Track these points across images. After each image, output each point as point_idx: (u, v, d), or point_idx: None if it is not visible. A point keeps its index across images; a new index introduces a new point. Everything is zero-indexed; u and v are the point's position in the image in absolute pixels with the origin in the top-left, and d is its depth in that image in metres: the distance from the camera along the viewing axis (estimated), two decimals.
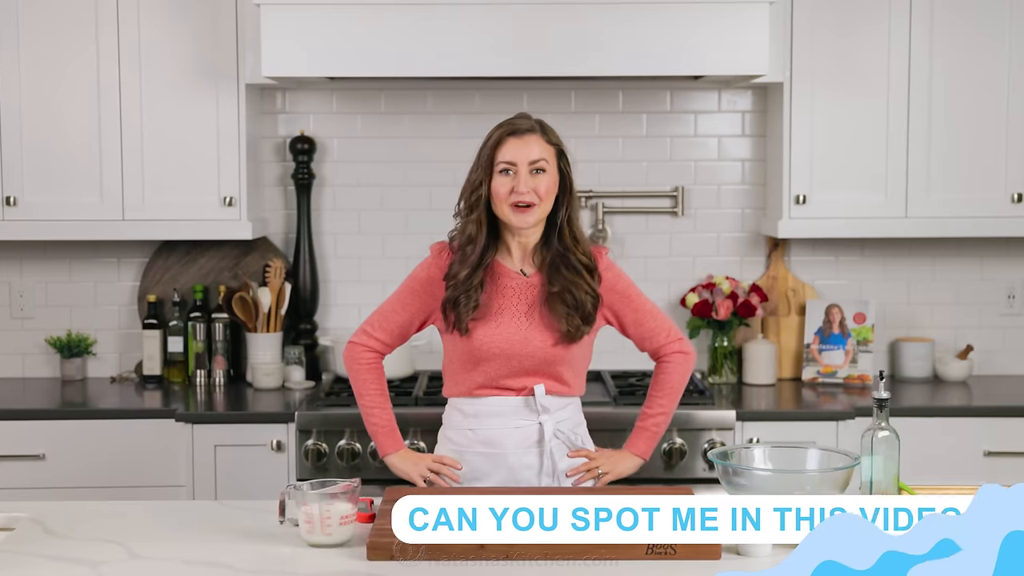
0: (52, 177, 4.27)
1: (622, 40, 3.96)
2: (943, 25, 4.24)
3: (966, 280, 4.67)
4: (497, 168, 3.01)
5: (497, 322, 3.05)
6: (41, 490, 4.00)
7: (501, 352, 3.04)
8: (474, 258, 3.03)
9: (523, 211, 3.00)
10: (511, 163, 3.00)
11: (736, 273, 4.65)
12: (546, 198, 3.01)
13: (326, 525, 2.62)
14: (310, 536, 2.64)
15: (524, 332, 3.05)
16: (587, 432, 3.23)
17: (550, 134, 3.06)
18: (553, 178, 3.03)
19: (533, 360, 3.06)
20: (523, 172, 2.99)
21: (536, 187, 2.99)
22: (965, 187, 4.30)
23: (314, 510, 2.62)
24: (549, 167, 3.02)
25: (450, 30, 3.96)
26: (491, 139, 3.04)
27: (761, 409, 4.13)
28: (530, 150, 3.00)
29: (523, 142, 3.01)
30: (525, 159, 3.00)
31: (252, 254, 4.60)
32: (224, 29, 4.22)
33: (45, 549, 2.62)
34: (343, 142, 4.62)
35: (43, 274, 4.64)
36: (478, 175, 3.03)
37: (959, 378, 4.52)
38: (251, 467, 4.00)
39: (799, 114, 4.28)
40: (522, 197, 2.98)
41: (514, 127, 3.03)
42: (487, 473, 3.10)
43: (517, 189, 2.98)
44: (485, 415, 3.10)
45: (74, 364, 4.57)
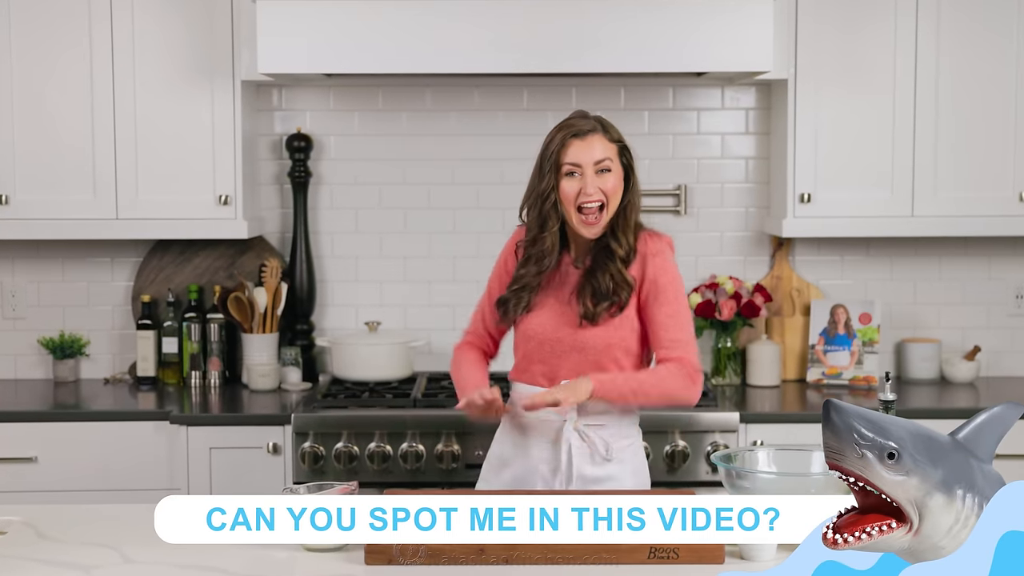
0: (44, 175, 4.25)
1: (624, 36, 3.94)
2: (950, 21, 4.21)
3: (973, 280, 4.64)
4: (563, 171, 3.04)
5: (541, 307, 3.11)
6: (33, 493, 3.98)
7: (535, 335, 3.10)
8: (544, 264, 3.10)
9: (590, 222, 3.04)
10: (576, 165, 3.04)
11: (740, 273, 4.63)
12: (613, 197, 3.06)
13: None
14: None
15: (559, 316, 3.09)
16: (633, 452, 3.14)
17: (611, 131, 3.10)
18: (618, 175, 3.08)
19: (563, 346, 3.08)
20: (589, 173, 3.04)
21: (603, 187, 3.03)
22: (972, 186, 4.28)
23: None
24: (614, 165, 3.07)
25: (449, 26, 3.94)
26: (554, 142, 3.07)
27: (765, 411, 4.12)
28: (594, 150, 3.05)
29: (587, 143, 3.05)
30: (590, 160, 3.04)
31: (248, 253, 4.58)
32: (220, 24, 4.20)
33: (37, 553, 2.62)
34: (340, 139, 4.60)
35: (35, 274, 4.62)
36: (548, 182, 3.06)
37: (966, 379, 4.50)
38: (247, 470, 3.98)
39: (804, 111, 4.25)
40: (590, 198, 3.03)
41: (576, 128, 3.06)
42: (509, 460, 3.15)
43: (585, 191, 3.03)
44: (518, 402, 3.13)
45: (67, 365, 4.55)
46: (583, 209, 3.03)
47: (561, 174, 3.04)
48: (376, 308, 4.60)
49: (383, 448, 3.91)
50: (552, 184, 3.05)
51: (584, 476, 3.06)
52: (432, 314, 4.61)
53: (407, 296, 4.62)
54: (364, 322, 4.49)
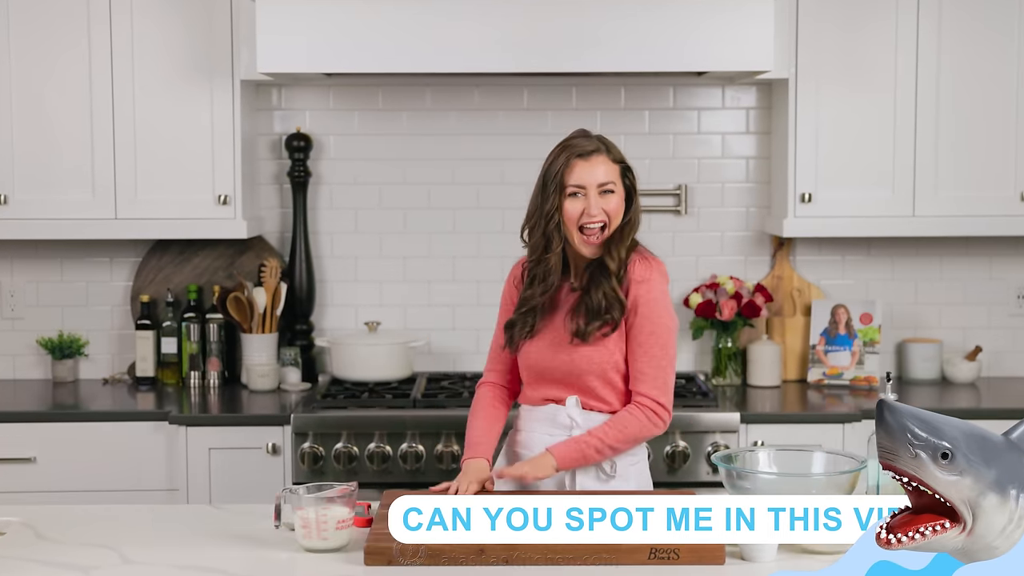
0: (43, 175, 4.24)
1: (624, 35, 3.93)
2: (951, 20, 4.20)
3: (975, 280, 4.63)
4: (567, 192, 3.03)
5: (540, 333, 3.10)
6: (32, 494, 3.97)
7: (539, 359, 3.10)
8: (550, 282, 3.08)
9: (591, 241, 3.03)
10: (580, 186, 3.03)
11: (740, 273, 4.61)
12: (615, 217, 3.05)
13: (322, 530, 2.60)
14: (306, 541, 2.62)
15: (553, 339, 3.09)
16: (638, 471, 3.13)
17: (613, 151, 3.09)
18: (620, 196, 3.07)
19: (563, 364, 3.07)
20: (592, 195, 3.03)
21: (606, 207, 3.03)
22: (974, 185, 4.26)
23: (310, 514, 2.60)
24: (616, 187, 3.06)
25: (449, 25, 3.93)
26: (557, 162, 3.05)
27: (766, 411, 4.11)
28: (596, 172, 3.04)
29: (590, 164, 3.04)
30: (594, 182, 3.03)
31: (247, 253, 4.56)
32: (219, 23, 4.19)
33: (36, 554, 2.62)
34: (340, 139, 4.58)
35: (34, 274, 4.60)
36: (552, 202, 3.04)
37: (968, 380, 4.49)
38: (246, 470, 3.97)
39: (805, 111, 4.24)
40: (593, 219, 3.02)
41: (580, 149, 3.05)
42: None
43: (588, 212, 3.02)
44: (526, 420, 3.16)
45: (66, 365, 4.54)
46: (584, 229, 3.03)
47: (565, 195, 3.03)
48: (376, 308, 4.59)
49: (383, 448, 3.90)
50: (556, 205, 3.03)
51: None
52: (432, 314, 4.60)
53: (407, 296, 4.61)
54: (364, 322, 4.48)
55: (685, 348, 4.59)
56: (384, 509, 2.66)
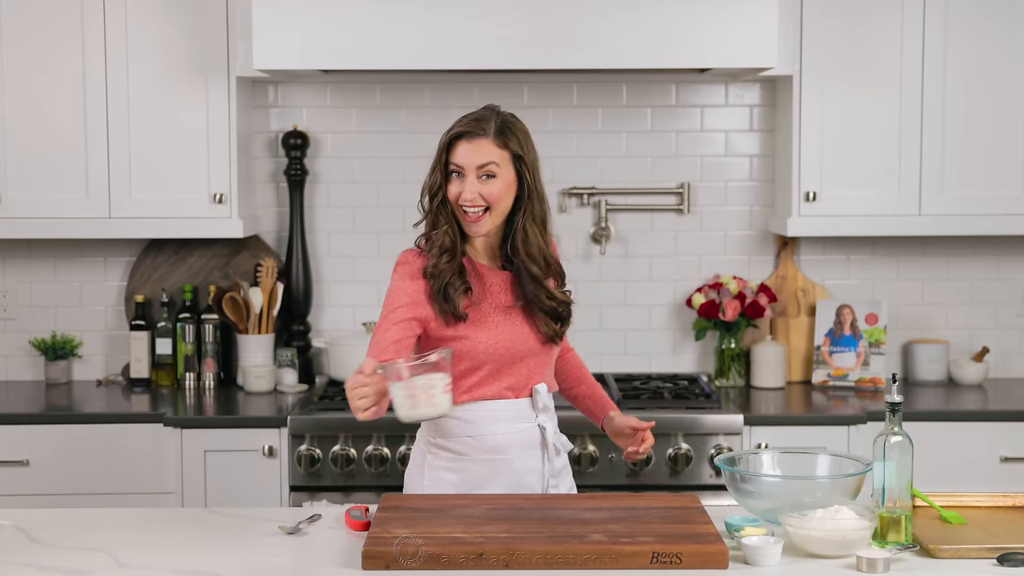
0: (36, 173, 4.22)
1: (626, 32, 3.91)
2: (958, 16, 4.19)
3: (981, 280, 4.61)
4: (450, 169, 2.96)
5: (494, 321, 2.99)
6: (25, 497, 3.96)
7: (506, 351, 2.98)
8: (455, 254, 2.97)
9: (473, 220, 2.94)
10: (459, 167, 2.95)
11: (744, 273, 4.59)
12: (497, 203, 2.94)
13: (430, 396, 2.63)
14: (414, 411, 2.64)
15: (518, 328, 3.00)
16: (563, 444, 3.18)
17: (507, 137, 2.96)
18: (505, 182, 2.94)
19: (530, 356, 3.01)
20: (470, 177, 2.93)
21: (484, 192, 2.93)
22: (981, 184, 4.25)
23: (417, 382, 2.61)
24: (500, 171, 2.94)
25: (448, 21, 3.92)
26: (442, 139, 2.99)
27: (770, 413, 4.09)
28: (479, 154, 2.93)
29: (473, 146, 2.94)
30: (473, 164, 2.93)
31: (243, 253, 4.54)
32: (214, 20, 4.17)
33: (29, 558, 2.61)
34: (337, 137, 4.57)
35: (27, 274, 4.58)
36: (436, 177, 2.98)
37: (975, 381, 4.47)
38: (242, 473, 3.95)
39: (809, 108, 4.22)
40: (468, 202, 2.93)
41: (464, 130, 2.95)
42: (489, 480, 3.03)
43: (463, 195, 2.93)
44: (486, 421, 3.02)
45: (59, 367, 4.52)
46: (465, 211, 2.95)
47: (448, 173, 2.97)
48: (374, 308, 4.54)
49: (380, 451, 3.88)
50: (439, 182, 2.97)
51: (558, 469, 3.08)
52: None
53: None
54: (361, 323, 4.46)
55: (688, 349, 4.58)
56: (383, 513, 2.67)
